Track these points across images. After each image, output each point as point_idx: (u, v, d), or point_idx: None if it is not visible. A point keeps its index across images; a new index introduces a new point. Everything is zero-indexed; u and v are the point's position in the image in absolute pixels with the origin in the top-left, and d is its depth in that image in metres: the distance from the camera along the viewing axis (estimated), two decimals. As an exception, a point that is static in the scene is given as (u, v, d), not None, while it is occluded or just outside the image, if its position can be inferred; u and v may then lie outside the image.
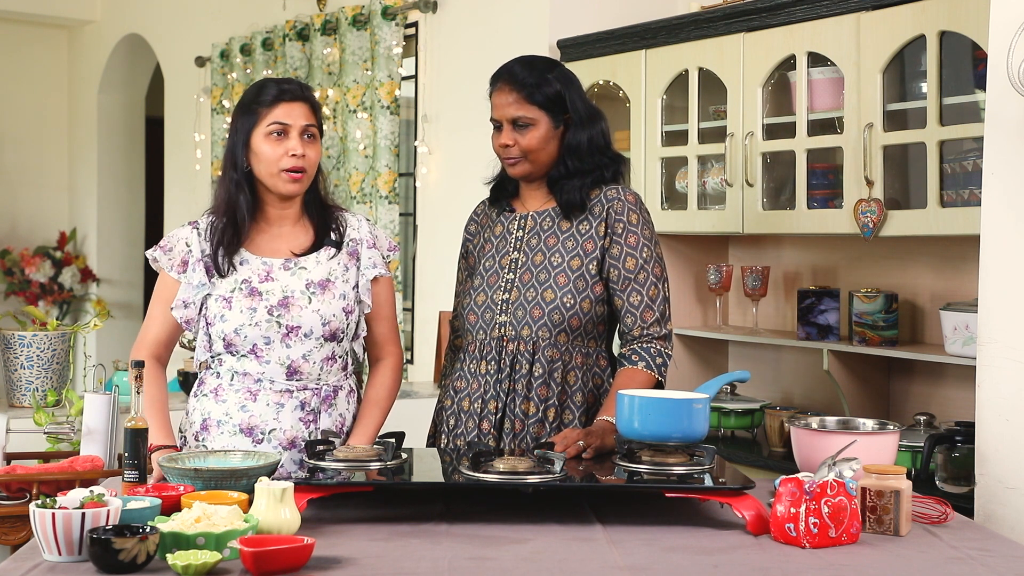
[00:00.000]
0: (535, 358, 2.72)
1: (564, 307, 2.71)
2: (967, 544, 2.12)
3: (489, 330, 2.77)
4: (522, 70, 2.78)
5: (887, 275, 3.75)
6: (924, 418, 3.37)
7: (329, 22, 5.54)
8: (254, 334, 2.63)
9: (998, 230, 2.59)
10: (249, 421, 2.65)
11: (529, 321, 2.72)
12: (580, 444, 2.48)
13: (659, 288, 2.74)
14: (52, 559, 1.93)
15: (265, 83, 2.69)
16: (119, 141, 8.02)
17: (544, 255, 2.77)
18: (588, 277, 2.73)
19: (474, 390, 2.77)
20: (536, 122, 2.74)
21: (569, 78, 2.81)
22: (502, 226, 2.87)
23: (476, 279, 2.84)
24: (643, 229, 2.76)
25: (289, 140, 2.63)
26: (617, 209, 2.75)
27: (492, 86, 2.81)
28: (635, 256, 2.73)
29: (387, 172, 5.20)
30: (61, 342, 4.16)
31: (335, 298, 2.68)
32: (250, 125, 2.65)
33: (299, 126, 2.64)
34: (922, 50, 3.26)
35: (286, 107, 2.63)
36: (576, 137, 2.77)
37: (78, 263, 7.92)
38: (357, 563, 1.93)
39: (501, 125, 2.78)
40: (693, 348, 4.23)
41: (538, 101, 2.74)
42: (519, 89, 2.75)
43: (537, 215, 2.82)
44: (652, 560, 1.98)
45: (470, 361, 2.81)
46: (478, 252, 2.90)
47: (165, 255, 2.70)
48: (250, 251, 2.69)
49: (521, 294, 2.75)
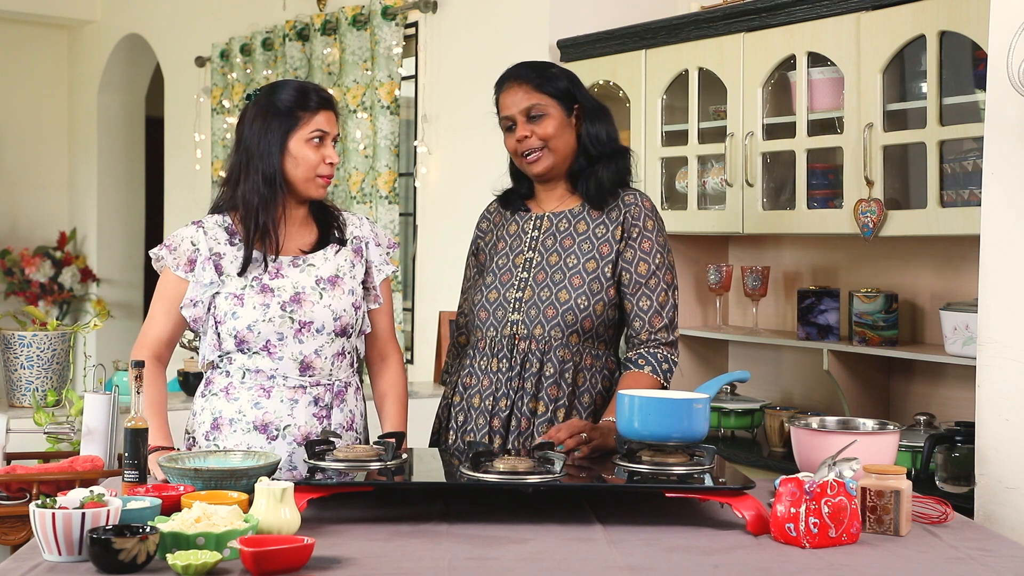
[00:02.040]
0: (546, 358, 2.72)
1: (578, 308, 2.71)
2: (967, 544, 2.12)
3: (500, 327, 2.77)
4: (525, 68, 2.82)
5: (887, 275, 3.75)
6: (924, 418, 3.37)
7: (329, 22, 5.54)
8: (267, 330, 2.64)
9: (998, 230, 2.59)
10: (264, 418, 2.66)
11: (542, 320, 2.73)
12: (583, 436, 2.49)
13: (669, 295, 2.75)
14: (52, 559, 1.93)
15: (304, 88, 2.70)
16: (119, 141, 8.03)
17: (560, 256, 2.77)
18: (603, 280, 2.73)
19: (485, 387, 2.77)
20: (549, 110, 2.76)
21: (573, 76, 2.85)
22: (517, 225, 2.87)
23: (488, 276, 2.84)
24: (658, 236, 2.78)
25: (326, 147, 2.68)
26: (634, 214, 2.76)
27: (498, 91, 2.82)
28: (648, 261, 2.74)
29: (387, 172, 5.20)
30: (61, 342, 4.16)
31: (344, 293, 2.71)
32: (288, 128, 2.66)
33: (334, 134, 2.71)
34: (922, 50, 3.26)
35: (326, 115, 2.69)
36: (594, 127, 2.80)
37: (78, 263, 7.92)
38: (357, 563, 1.93)
39: (513, 124, 2.78)
40: (693, 348, 4.23)
41: (548, 91, 2.77)
42: (528, 81, 2.77)
43: (554, 216, 2.83)
44: (652, 560, 1.98)
45: (480, 358, 2.80)
46: (490, 250, 2.90)
47: (170, 254, 2.70)
48: (258, 249, 2.70)
49: (535, 293, 2.75)
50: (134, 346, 2.73)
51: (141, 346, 2.71)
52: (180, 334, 2.75)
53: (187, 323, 2.71)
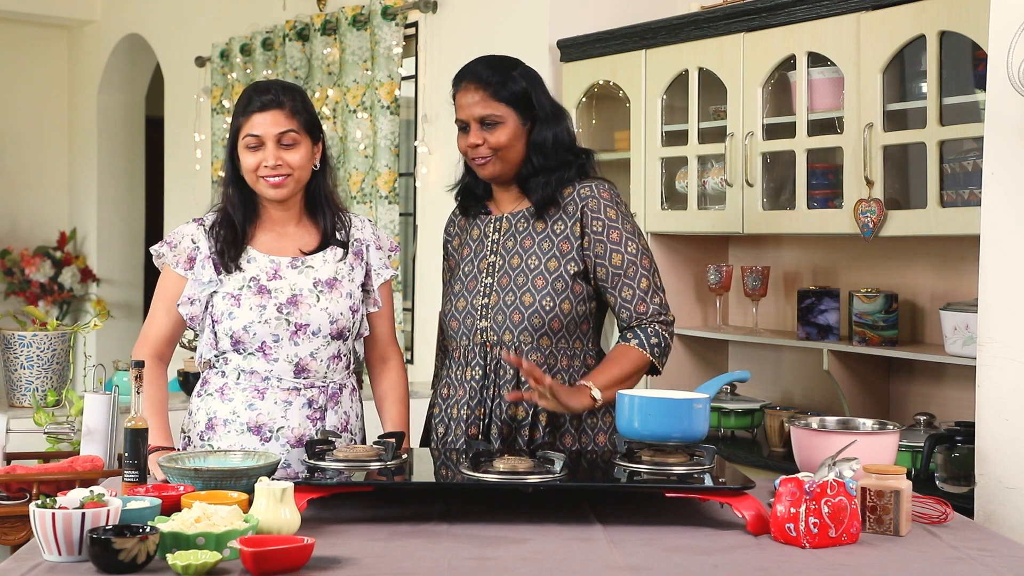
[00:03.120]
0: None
1: (544, 310, 2.68)
2: (967, 544, 2.12)
3: (472, 336, 2.74)
4: (486, 69, 2.74)
5: (887, 275, 3.75)
6: (924, 418, 3.37)
7: (329, 22, 5.54)
8: (263, 331, 2.64)
9: (998, 230, 2.59)
10: (257, 419, 2.65)
11: (510, 325, 2.70)
12: (545, 384, 2.48)
13: (650, 280, 2.71)
14: (52, 559, 1.93)
15: (249, 92, 2.70)
16: (119, 141, 8.02)
17: (521, 258, 2.73)
18: (567, 278, 2.69)
19: (460, 397, 2.75)
20: (504, 119, 2.70)
21: (533, 76, 2.77)
22: (479, 229, 2.83)
23: (456, 284, 2.81)
24: (624, 223, 2.72)
25: (264, 150, 2.64)
26: (592, 207, 2.71)
27: (455, 87, 2.76)
28: (620, 252, 2.69)
29: (387, 172, 5.20)
30: (61, 342, 4.16)
31: (342, 297, 2.70)
32: (234, 133, 2.69)
33: (273, 135, 2.64)
34: (922, 50, 3.26)
35: (259, 117, 2.64)
36: (541, 134, 2.72)
37: (78, 263, 7.92)
38: (357, 563, 1.93)
39: (467, 126, 2.73)
40: (693, 348, 4.23)
41: (504, 98, 2.70)
42: (485, 87, 2.70)
43: (512, 216, 2.79)
44: (652, 560, 1.98)
45: (456, 367, 2.78)
46: (458, 256, 2.87)
47: (171, 251, 2.71)
48: (258, 249, 2.70)
49: (500, 298, 2.72)
50: (135, 345, 2.73)
51: (142, 345, 2.71)
52: (181, 332, 2.75)
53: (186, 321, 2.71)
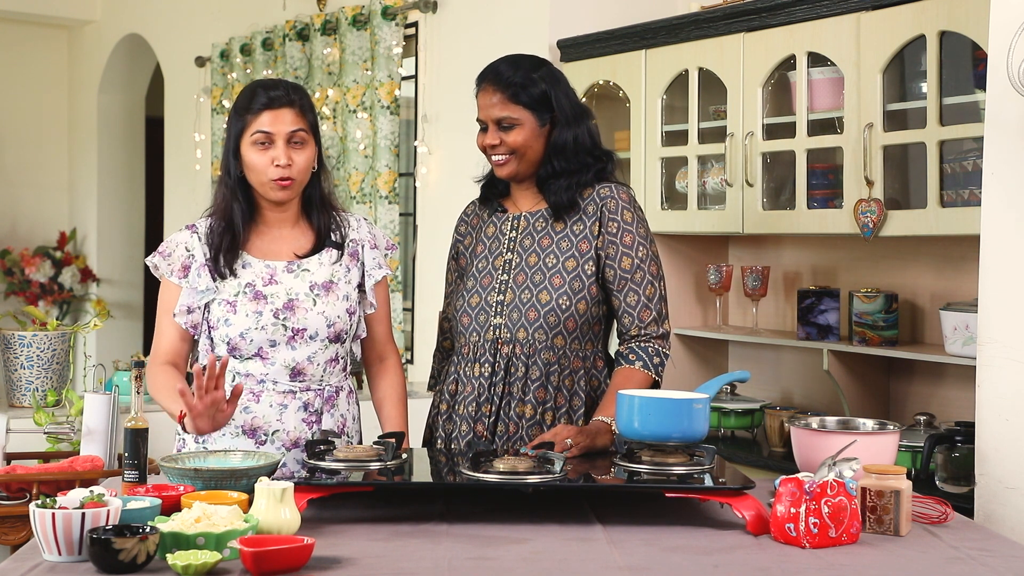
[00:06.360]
0: (531, 361, 2.70)
1: (560, 309, 2.69)
2: (967, 544, 2.12)
3: (483, 332, 2.75)
4: (507, 69, 2.75)
5: (887, 275, 3.75)
6: (924, 418, 3.37)
7: (329, 22, 5.54)
8: (260, 337, 2.62)
9: (998, 230, 2.59)
10: (252, 422, 2.64)
11: (525, 323, 2.71)
12: (567, 443, 2.48)
13: (656, 287, 2.73)
14: (52, 559, 1.93)
15: (255, 88, 2.66)
16: (119, 141, 8.02)
17: (538, 256, 2.75)
18: (584, 278, 2.71)
19: (467, 393, 2.75)
20: (521, 122, 2.71)
21: (556, 76, 2.78)
22: (494, 227, 2.84)
23: (469, 280, 2.82)
24: (638, 227, 2.74)
25: (274, 148, 2.60)
26: (611, 208, 2.72)
27: (478, 86, 2.78)
28: (631, 256, 2.71)
29: (387, 172, 5.20)
30: (61, 342, 4.16)
31: (339, 300, 2.68)
32: (238, 131, 2.64)
33: (284, 133, 2.61)
34: (922, 50, 3.26)
35: (271, 114, 2.60)
36: (561, 136, 2.73)
37: (78, 263, 7.92)
38: (357, 563, 1.93)
39: (487, 125, 2.76)
40: (693, 348, 4.23)
41: (523, 101, 2.71)
42: (504, 89, 2.72)
43: (530, 215, 2.80)
44: (652, 560, 1.98)
45: (463, 364, 2.79)
46: (470, 253, 2.87)
47: (165, 260, 2.68)
48: (252, 254, 2.68)
49: (516, 296, 2.73)
50: (148, 360, 2.66)
51: (155, 360, 2.67)
52: (191, 341, 2.70)
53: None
